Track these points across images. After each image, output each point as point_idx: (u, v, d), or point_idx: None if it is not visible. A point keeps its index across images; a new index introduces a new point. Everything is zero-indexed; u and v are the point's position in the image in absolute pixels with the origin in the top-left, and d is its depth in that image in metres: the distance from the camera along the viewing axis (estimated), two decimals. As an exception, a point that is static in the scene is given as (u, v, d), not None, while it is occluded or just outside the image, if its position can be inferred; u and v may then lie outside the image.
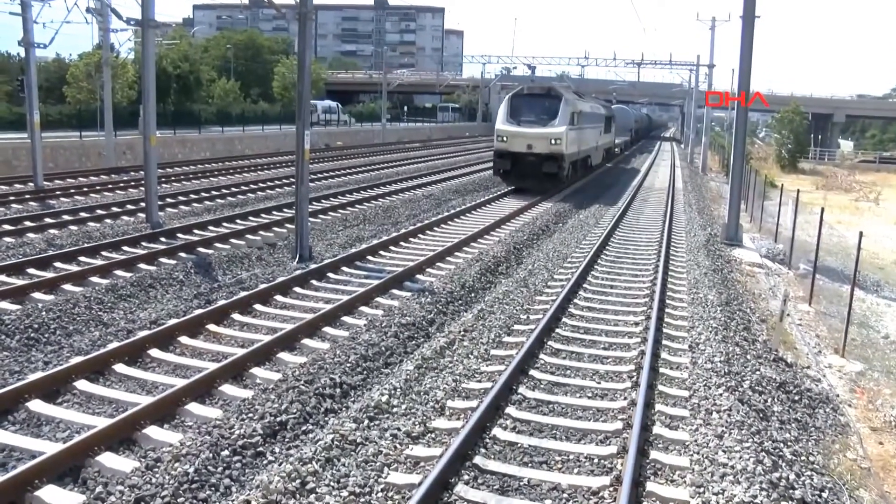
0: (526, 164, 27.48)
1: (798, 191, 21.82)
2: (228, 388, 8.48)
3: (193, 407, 7.92)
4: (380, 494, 6.43)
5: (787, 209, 23.34)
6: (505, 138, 27.78)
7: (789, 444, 8.11)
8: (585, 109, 31.96)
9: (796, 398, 9.78)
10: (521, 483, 6.77)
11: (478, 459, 7.06)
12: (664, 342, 10.94)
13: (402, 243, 17.49)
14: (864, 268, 18.48)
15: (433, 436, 7.62)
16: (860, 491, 7.68)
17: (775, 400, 9.38)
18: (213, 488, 6.46)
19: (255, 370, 9.02)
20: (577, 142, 29.74)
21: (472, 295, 13.35)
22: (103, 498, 6.10)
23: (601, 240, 18.65)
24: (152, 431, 7.32)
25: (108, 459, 6.72)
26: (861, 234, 13.49)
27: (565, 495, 6.58)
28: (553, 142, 27.07)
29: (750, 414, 8.42)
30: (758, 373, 10.10)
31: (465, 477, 6.77)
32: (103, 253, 14.96)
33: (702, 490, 6.69)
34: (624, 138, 59.64)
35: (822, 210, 17.15)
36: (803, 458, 7.88)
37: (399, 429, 7.62)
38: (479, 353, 10.10)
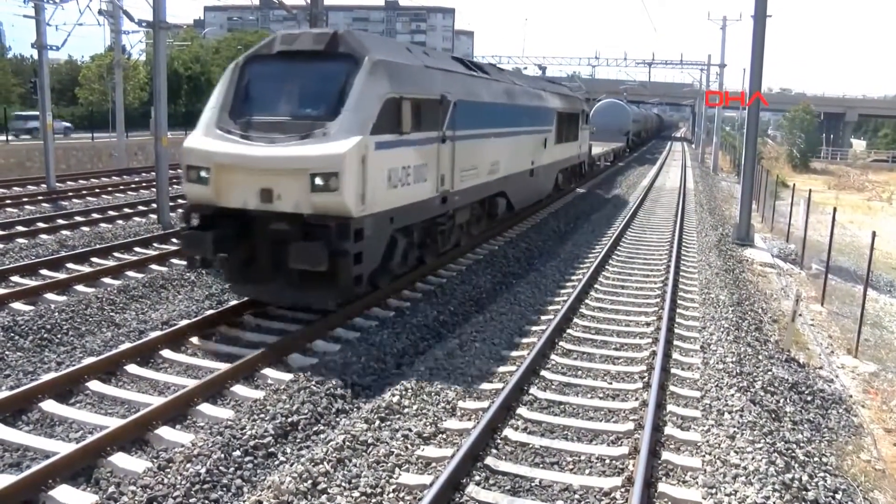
0: (262, 238, 10.65)
1: (810, 190, 21.73)
2: (240, 389, 8.50)
3: (205, 407, 7.94)
4: (391, 495, 6.44)
5: (798, 209, 23.24)
6: (204, 174, 10.54)
7: (802, 444, 8.07)
8: (471, 92, 14.71)
9: (809, 399, 9.74)
10: (533, 484, 6.76)
11: (489, 460, 7.05)
12: (675, 342, 10.90)
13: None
14: (877, 267, 18.40)
15: (444, 436, 7.62)
16: (874, 493, 7.64)
17: (787, 400, 9.34)
18: (224, 488, 6.48)
19: (267, 371, 9.03)
20: (424, 173, 12.21)
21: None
22: (116, 498, 6.12)
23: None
24: (164, 432, 7.34)
25: (120, 460, 6.75)
26: (874, 233, 13.42)
27: (577, 496, 6.57)
28: (320, 182, 9.89)
29: (762, 414, 8.38)
30: (770, 373, 10.06)
31: (477, 477, 6.76)
32: (115, 254, 15.03)
33: (714, 491, 6.67)
34: (614, 145, 44.69)
35: (835, 210, 17.07)
36: (816, 459, 7.84)
37: (410, 429, 7.63)
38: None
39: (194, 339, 10.08)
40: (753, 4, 21.02)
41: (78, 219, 18.96)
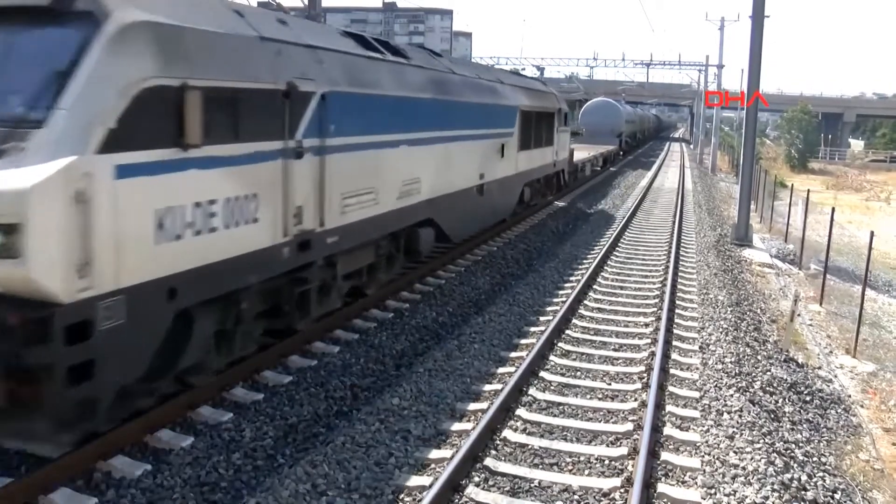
0: None
1: (808, 191, 21.77)
2: (238, 392, 8.48)
3: (205, 410, 7.91)
4: (390, 497, 6.44)
5: (797, 209, 23.28)
6: None
7: (801, 444, 8.08)
8: (360, 81, 10.27)
9: (807, 399, 9.75)
10: (532, 485, 6.76)
11: (488, 461, 7.06)
12: (674, 343, 10.91)
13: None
14: (876, 267, 18.42)
15: (443, 437, 7.63)
16: (873, 492, 7.65)
17: (786, 401, 9.35)
18: (223, 491, 6.48)
19: (267, 373, 9.02)
20: (253, 209, 7.83)
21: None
22: (115, 501, 6.13)
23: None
24: (164, 434, 7.33)
25: (120, 462, 6.73)
26: (872, 233, 13.44)
27: (576, 497, 6.57)
28: None
29: (761, 415, 8.40)
30: (769, 373, 10.08)
31: (476, 479, 6.77)
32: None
33: (713, 491, 6.68)
34: (604, 148, 41.15)
35: (833, 210, 17.10)
36: (815, 459, 7.85)
37: (409, 431, 7.64)
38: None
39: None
40: (751, 5, 21.07)
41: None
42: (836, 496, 7.08)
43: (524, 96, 19.43)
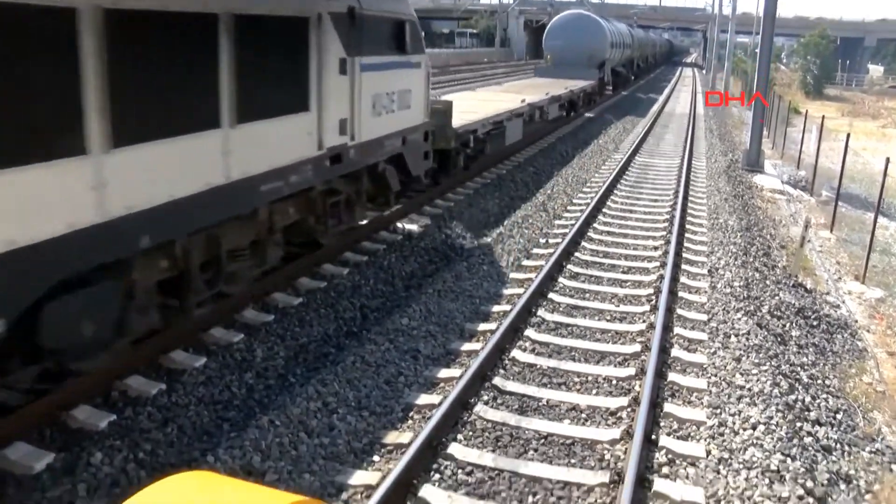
0: None
1: (823, 116, 21.40)
2: (249, 313, 8.53)
3: (217, 331, 7.98)
4: (400, 414, 6.56)
5: (810, 136, 22.94)
6: None
7: (806, 367, 8.16)
8: None
9: (814, 323, 9.79)
10: (540, 403, 6.87)
11: (497, 380, 7.15)
12: (683, 266, 10.91)
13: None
14: (889, 195, 18.21)
15: (452, 357, 7.72)
16: (874, 412, 7.74)
17: (793, 325, 9.40)
18: (236, 409, 6.61)
19: (276, 295, 9.07)
20: None
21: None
22: (132, 417, 6.25)
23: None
24: (177, 355, 7.41)
25: (135, 382, 6.83)
26: (888, 160, 13.25)
27: (584, 416, 6.68)
28: None
29: (768, 338, 8.45)
30: (777, 298, 10.10)
31: (485, 397, 6.87)
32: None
33: (718, 411, 6.77)
34: (567, 86, 26.00)
35: (848, 136, 16.82)
36: (819, 381, 7.94)
37: (419, 350, 7.73)
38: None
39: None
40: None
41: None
42: (838, 416, 7.18)
43: None
